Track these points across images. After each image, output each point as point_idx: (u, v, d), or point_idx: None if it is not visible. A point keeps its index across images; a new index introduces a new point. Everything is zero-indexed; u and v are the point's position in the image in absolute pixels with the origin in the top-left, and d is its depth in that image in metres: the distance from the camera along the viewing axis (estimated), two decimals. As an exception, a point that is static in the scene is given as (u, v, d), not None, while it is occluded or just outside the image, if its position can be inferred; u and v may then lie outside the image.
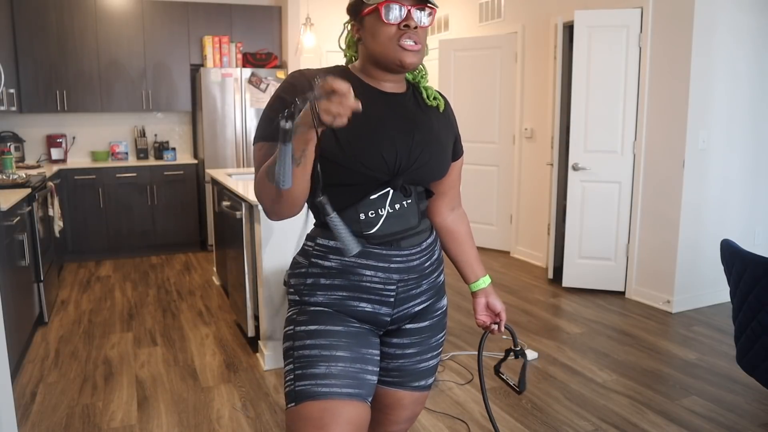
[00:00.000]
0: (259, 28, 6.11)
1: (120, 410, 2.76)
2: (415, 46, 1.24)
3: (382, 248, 1.30)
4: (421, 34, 1.26)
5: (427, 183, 1.36)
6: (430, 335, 1.43)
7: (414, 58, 1.25)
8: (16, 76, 5.27)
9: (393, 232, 1.30)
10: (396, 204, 1.30)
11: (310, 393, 1.22)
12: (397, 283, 1.33)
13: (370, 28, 1.26)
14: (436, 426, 2.61)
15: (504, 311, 1.53)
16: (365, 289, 1.31)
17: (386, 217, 1.29)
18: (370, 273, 1.30)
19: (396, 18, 1.23)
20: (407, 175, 1.28)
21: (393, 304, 1.34)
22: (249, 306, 3.35)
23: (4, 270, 2.97)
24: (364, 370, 1.28)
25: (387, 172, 1.26)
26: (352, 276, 1.30)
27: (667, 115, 4.03)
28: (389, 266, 1.30)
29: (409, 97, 1.36)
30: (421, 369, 1.44)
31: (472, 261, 1.54)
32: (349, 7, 1.32)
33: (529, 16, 5.23)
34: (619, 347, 3.48)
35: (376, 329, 1.37)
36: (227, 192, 3.76)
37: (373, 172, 1.24)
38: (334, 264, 1.30)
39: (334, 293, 1.31)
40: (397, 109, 1.32)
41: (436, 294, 1.44)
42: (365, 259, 1.29)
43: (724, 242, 2.28)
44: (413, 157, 1.28)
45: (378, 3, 1.22)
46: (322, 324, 1.29)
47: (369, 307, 1.32)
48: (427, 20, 1.27)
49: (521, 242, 5.55)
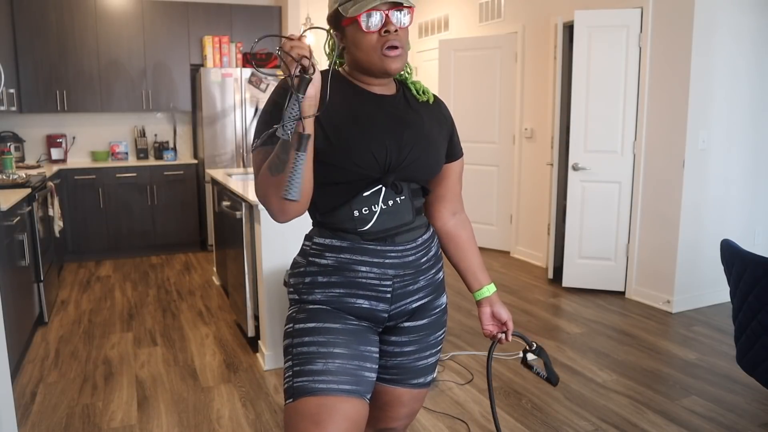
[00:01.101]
0: (259, 28, 6.11)
1: (120, 410, 2.76)
2: (398, 51, 1.26)
3: (377, 244, 1.31)
4: (402, 36, 1.28)
5: (420, 180, 1.37)
6: (428, 333, 1.43)
7: (398, 63, 1.27)
8: (16, 76, 5.27)
9: (387, 228, 1.32)
10: (389, 200, 1.32)
11: (308, 389, 1.24)
12: (393, 279, 1.33)
13: (352, 38, 1.27)
14: (436, 426, 2.61)
15: (510, 320, 1.51)
16: (361, 286, 1.32)
17: (380, 213, 1.30)
18: (366, 269, 1.31)
19: (376, 25, 1.24)
20: (398, 172, 1.30)
21: (390, 300, 1.35)
22: (249, 306, 3.35)
23: (4, 270, 2.97)
24: (362, 367, 1.29)
25: (378, 169, 1.28)
26: (348, 273, 1.31)
27: (667, 115, 4.03)
28: (384, 262, 1.32)
29: (399, 98, 1.37)
30: (420, 366, 1.44)
31: (475, 268, 1.51)
32: (328, 18, 1.33)
33: (529, 16, 5.23)
34: (619, 347, 3.48)
35: (375, 326, 1.37)
36: (227, 192, 3.76)
37: (364, 170, 1.26)
38: (330, 261, 1.32)
39: (332, 290, 1.33)
40: (388, 108, 1.33)
41: (435, 291, 1.44)
42: (360, 256, 1.31)
43: (724, 242, 2.28)
44: (403, 155, 1.30)
45: (355, 14, 1.23)
46: (320, 321, 1.30)
47: (366, 303, 1.33)
48: (407, 20, 1.28)
49: (521, 242, 5.55)
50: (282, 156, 1.15)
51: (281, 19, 6.19)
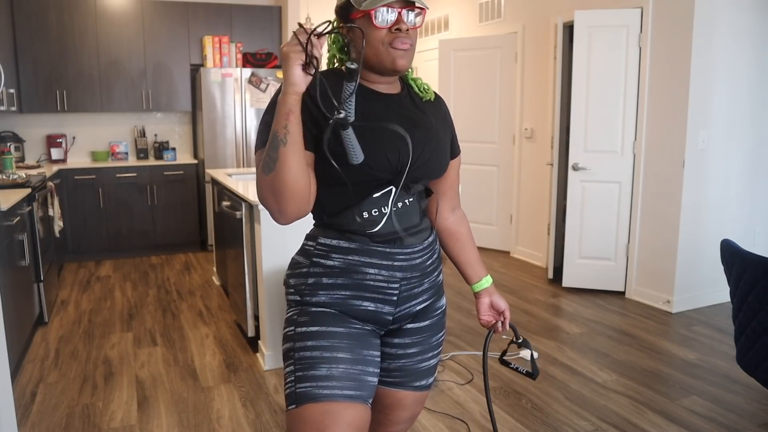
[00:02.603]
0: (259, 28, 6.11)
1: (120, 410, 2.76)
2: (406, 46, 1.24)
3: (386, 246, 1.29)
4: (413, 36, 1.26)
5: (428, 180, 1.37)
6: (430, 334, 1.44)
7: (405, 60, 1.26)
8: (16, 76, 5.27)
9: (396, 230, 1.31)
10: (399, 202, 1.31)
11: (311, 395, 1.22)
12: (401, 282, 1.33)
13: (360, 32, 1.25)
14: (436, 426, 2.61)
15: (508, 309, 1.54)
16: (369, 288, 1.31)
17: (389, 215, 1.29)
18: (374, 271, 1.29)
19: (387, 21, 1.22)
20: (410, 173, 1.28)
21: (396, 302, 1.34)
22: (249, 306, 3.35)
23: (4, 270, 2.97)
24: (365, 371, 1.28)
25: (390, 170, 1.26)
26: (355, 275, 1.29)
27: (667, 115, 4.03)
28: (393, 264, 1.30)
29: (404, 96, 1.36)
30: (422, 368, 1.44)
31: (473, 262, 1.55)
32: (337, 9, 1.31)
33: (529, 16, 5.23)
34: (619, 347, 3.48)
35: (378, 329, 1.37)
36: (227, 192, 3.76)
37: (376, 172, 1.24)
38: (336, 263, 1.30)
39: (337, 292, 1.30)
40: (396, 108, 1.32)
41: (436, 293, 1.45)
42: (369, 258, 1.29)
43: (724, 242, 2.28)
44: (415, 155, 1.28)
45: (368, 8, 1.21)
46: (324, 325, 1.28)
47: (372, 306, 1.32)
48: (418, 21, 1.26)
49: (521, 242, 5.55)
50: (272, 154, 1.14)
51: (281, 19, 6.19)
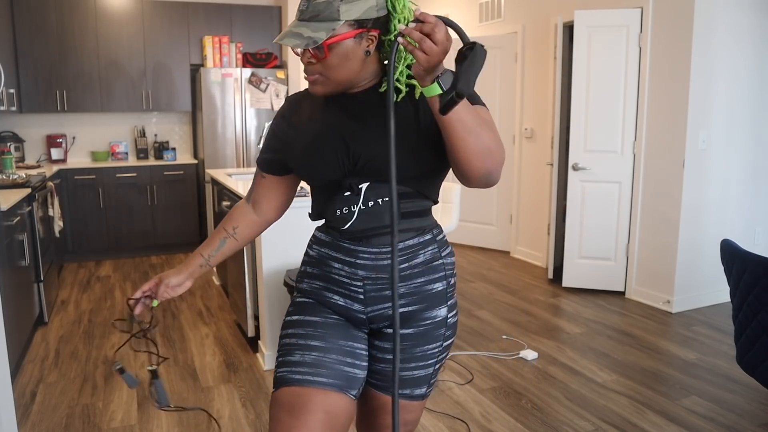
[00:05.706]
0: (259, 28, 6.11)
1: (120, 410, 2.76)
2: (313, 77, 1.22)
3: (351, 243, 1.32)
4: (324, 64, 1.19)
5: (403, 178, 1.26)
6: (413, 344, 1.36)
7: (317, 87, 1.23)
8: (16, 76, 5.27)
9: (364, 228, 1.30)
10: (369, 202, 1.29)
11: (285, 379, 1.28)
12: (364, 281, 1.32)
13: None
14: (436, 426, 2.61)
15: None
16: (335, 282, 1.35)
17: (358, 213, 1.30)
18: (338, 266, 1.34)
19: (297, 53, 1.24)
20: (356, 173, 1.26)
21: (364, 301, 1.33)
22: (249, 306, 3.35)
23: (4, 270, 2.97)
24: (341, 361, 1.30)
25: (335, 172, 1.27)
26: (325, 267, 1.36)
27: (667, 115, 4.03)
28: (356, 262, 1.31)
29: (372, 93, 1.27)
30: (404, 378, 1.38)
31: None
32: None
33: (529, 16, 5.23)
34: (619, 347, 3.48)
35: (358, 326, 1.37)
36: (227, 192, 3.76)
37: (323, 175, 1.29)
38: (314, 253, 1.40)
39: (314, 282, 1.39)
40: (351, 108, 1.27)
41: (425, 301, 1.35)
42: (336, 252, 1.34)
43: (724, 242, 2.28)
44: (356, 156, 1.24)
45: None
46: (302, 315, 1.36)
47: (341, 300, 1.35)
48: (319, 52, 1.17)
49: (521, 242, 5.55)
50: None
51: (281, 19, 6.19)
